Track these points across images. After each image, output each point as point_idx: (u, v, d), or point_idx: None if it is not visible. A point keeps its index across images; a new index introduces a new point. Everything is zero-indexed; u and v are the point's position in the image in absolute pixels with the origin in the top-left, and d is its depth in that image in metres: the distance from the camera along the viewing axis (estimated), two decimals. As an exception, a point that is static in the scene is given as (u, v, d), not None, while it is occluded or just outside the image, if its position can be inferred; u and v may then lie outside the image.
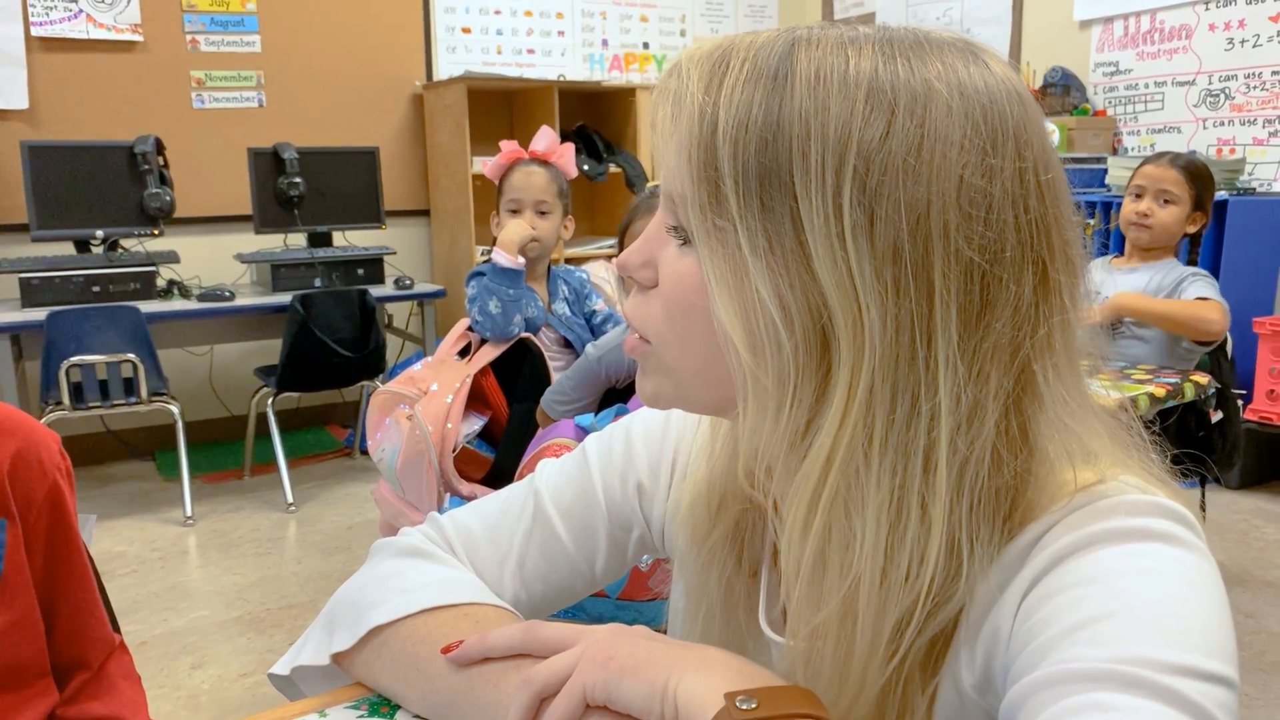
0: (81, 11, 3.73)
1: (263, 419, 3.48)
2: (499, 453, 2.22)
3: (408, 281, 3.74)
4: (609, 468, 0.78)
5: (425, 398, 2.14)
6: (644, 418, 0.79)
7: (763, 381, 0.54)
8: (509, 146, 2.25)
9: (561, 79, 4.42)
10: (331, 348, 3.33)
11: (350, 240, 3.94)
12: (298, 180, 3.64)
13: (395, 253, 3.94)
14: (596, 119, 4.54)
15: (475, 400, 2.20)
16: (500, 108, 4.50)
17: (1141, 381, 2.15)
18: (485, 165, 2.30)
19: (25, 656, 0.88)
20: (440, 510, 2.04)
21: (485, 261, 2.28)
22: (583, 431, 1.55)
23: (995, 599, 0.52)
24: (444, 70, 4.42)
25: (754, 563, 0.67)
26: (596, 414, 1.58)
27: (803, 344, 0.53)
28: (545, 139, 2.22)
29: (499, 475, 2.18)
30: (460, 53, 4.47)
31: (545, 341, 2.29)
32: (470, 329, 2.29)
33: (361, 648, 0.69)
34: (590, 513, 0.77)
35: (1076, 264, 0.55)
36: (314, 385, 3.51)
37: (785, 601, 0.57)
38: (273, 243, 3.82)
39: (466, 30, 4.49)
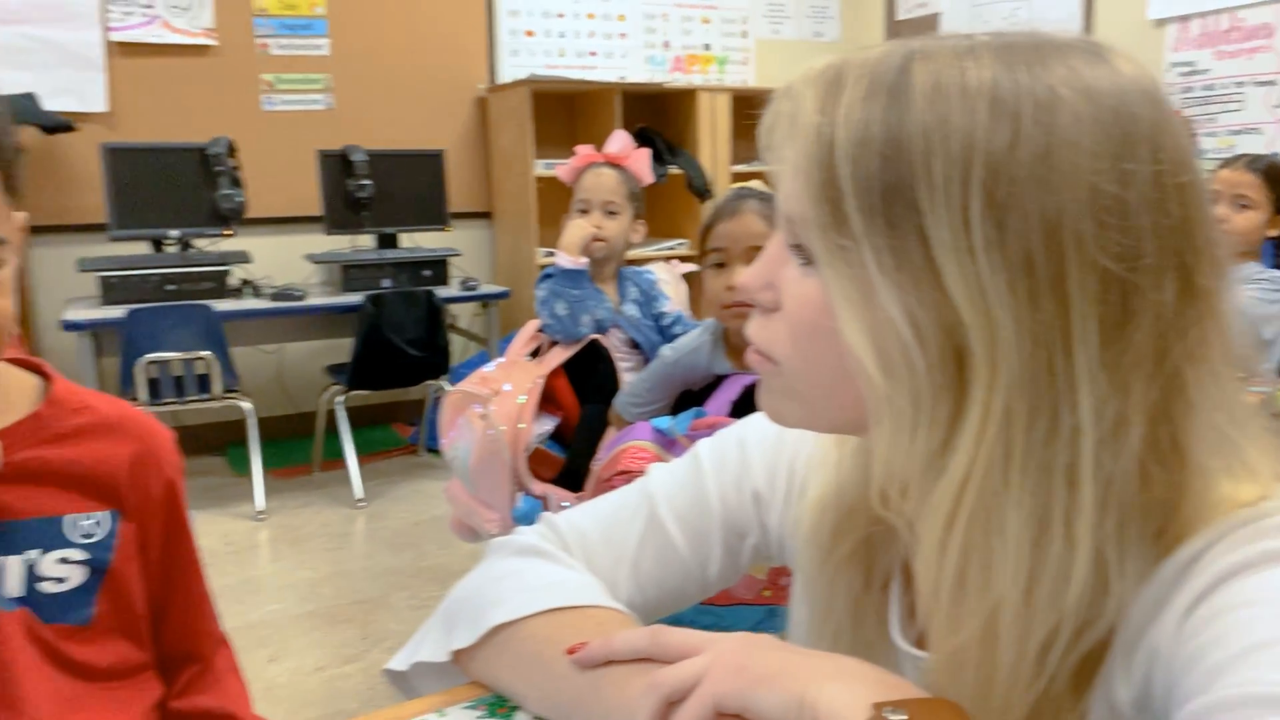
0: (157, 16, 3.82)
1: (332, 416, 3.54)
2: (570, 453, 2.23)
3: (473, 283, 3.78)
4: (723, 474, 0.78)
5: (498, 398, 2.16)
6: (757, 424, 0.79)
7: (896, 403, 0.53)
8: (584, 150, 2.26)
9: (623, 81, 4.43)
10: (400, 347, 3.38)
11: (415, 242, 3.99)
12: (366, 182, 3.70)
13: (460, 254, 3.99)
14: (658, 121, 4.55)
15: (547, 401, 2.22)
16: (562, 110, 4.53)
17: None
18: (559, 169, 2.32)
19: (131, 648, 0.91)
20: (513, 510, 2.06)
21: (552, 264, 2.29)
22: (660, 434, 1.56)
23: (1152, 617, 0.51)
24: (507, 73, 4.45)
25: (884, 576, 0.66)
26: (673, 416, 1.58)
27: (936, 363, 0.52)
28: (618, 142, 2.23)
29: (570, 475, 2.19)
30: (523, 56, 4.51)
31: (614, 343, 2.30)
32: (541, 331, 2.30)
33: (482, 646, 0.70)
34: (705, 518, 0.77)
35: (1222, 267, 0.53)
36: (383, 384, 3.56)
37: (922, 621, 0.57)
38: (341, 244, 3.88)
39: (530, 33, 4.52)
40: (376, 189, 3.73)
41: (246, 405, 3.33)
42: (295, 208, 4.02)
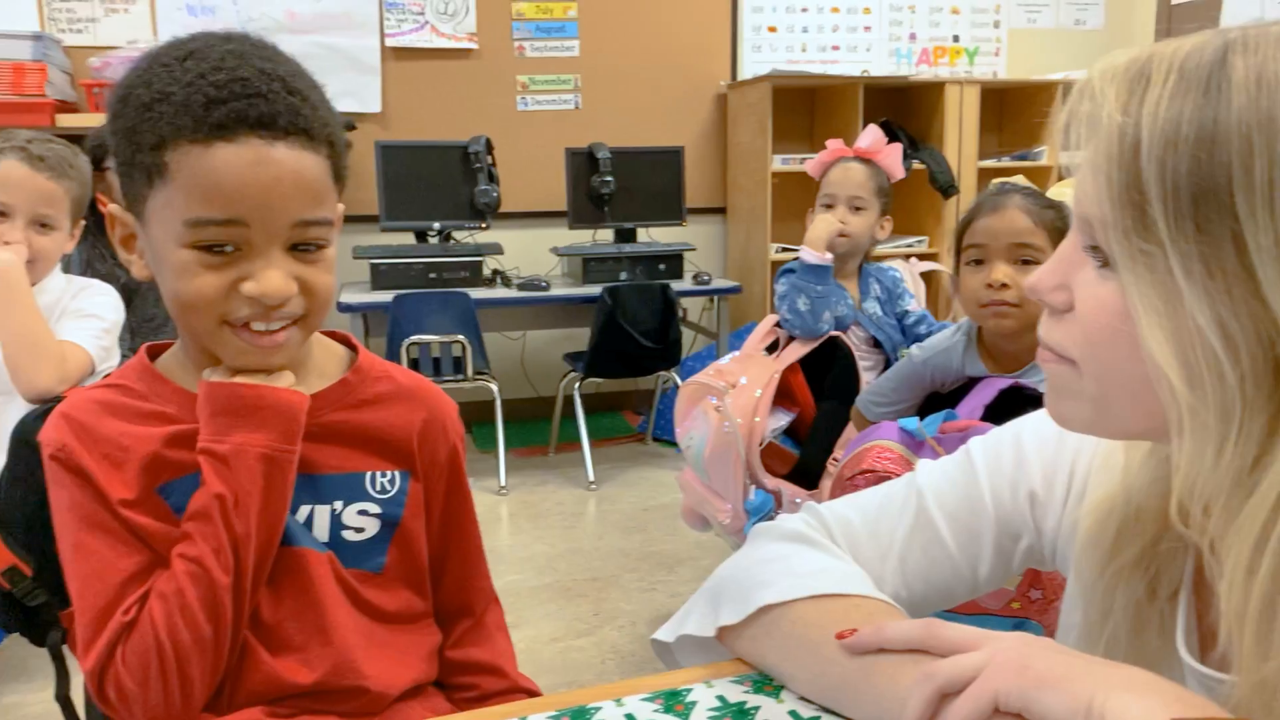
0: (427, 23, 4.13)
1: (569, 401, 3.71)
2: (804, 449, 2.23)
3: (705, 277, 3.84)
4: (998, 473, 0.76)
5: (734, 391, 2.19)
6: (1035, 424, 0.77)
7: (1202, 415, 0.51)
8: (834, 144, 2.25)
9: (866, 75, 4.35)
10: (635, 338, 3.49)
11: (652, 236, 4.10)
12: (609, 178, 3.84)
13: (695, 249, 4.06)
14: (901, 115, 4.43)
15: (782, 396, 2.22)
16: (802, 105, 4.51)
17: None
18: (808, 163, 2.31)
19: (414, 596, 1.00)
20: (745, 502, 2.08)
21: (794, 259, 2.29)
22: (907, 435, 1.53)
23: None
24: (748, 69, 4.48)
25: (1171, 586, 0.63)
26: (921, 418, 1.55)
27: (1250, 375, 0.49)
28: (870, 136, 2.20)
29: (804, 472, 2.19)
30: (765, 51, 4.52)
31: (854, 340, 2.28)
32: (778, 325, 2.31)
33: (749, 624, 0.72)
34: (976, 517, 0.76)
35: None
36: (617, 372, 3.69)
37: (1223, 643, 0.54)
38: (583, 237, 4.05)
39: (772, 29, 4.53)
40: (617, 185, 3.87)
41: (494, 387, 3.55)
42: (543, 203, 4.23)
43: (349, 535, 0.94)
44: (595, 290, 3.55)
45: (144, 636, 0.82)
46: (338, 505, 0.94)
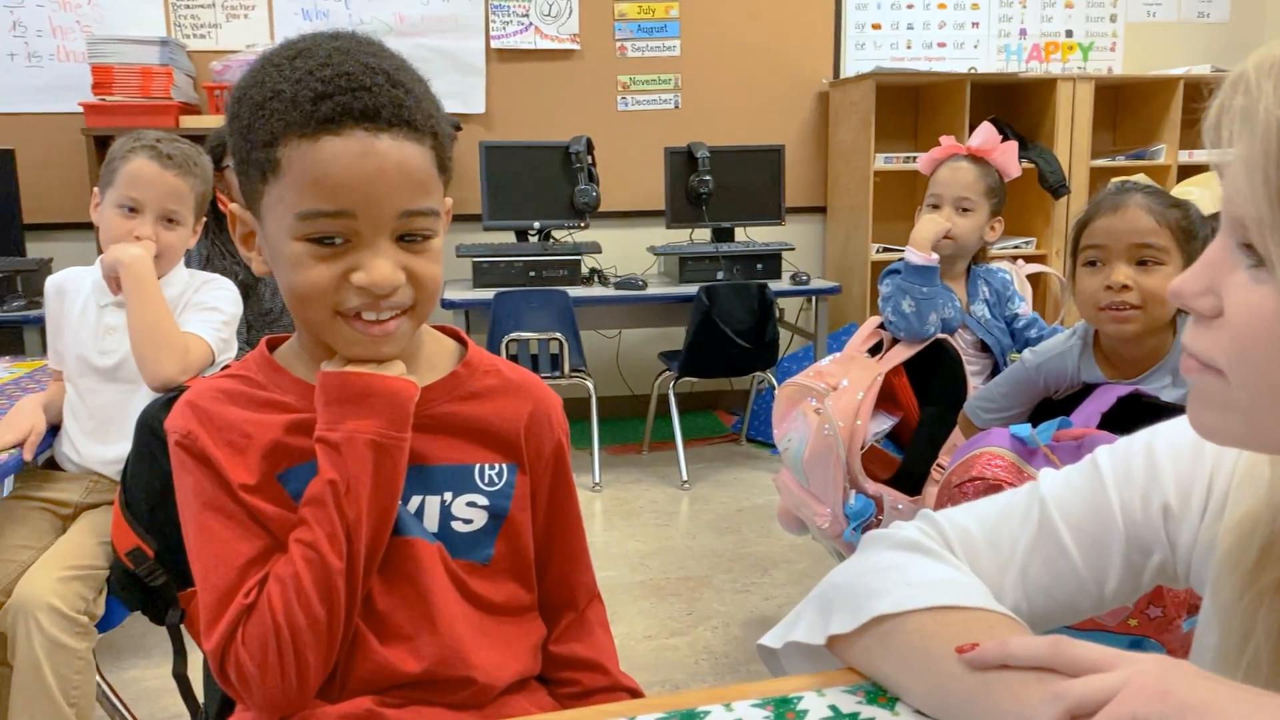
0: (531, 24, 4.18)
1: (663, 400, 3.71)
2: (907, 454, 2.18)
3: (804, 277, 3.80)
4: (1128, 485, 0.73)
5: (834, 393, 2.15)
6: (1169, 432, 0.73)
7: None
8: (947, 142, 2.19)
9: (973, 72, 4.24)
10: (731, 338, 3.47)
11: (749, 235, 4.07)
12: (707, 178, 3.83)
13: (794, 249, 4.01)
14: (1010, 113, 4.30)
15: (885, 400, 2.18)
16: (906, 103, 4.42)
17: None
18: (920, 160, 2.26)
19: (520, 589, 1.01)
20: (845, 506, 2.05)
21: (899, 260, 2.24)
22: (1019, 443, 1.48)
23: None
24: (851, 67, 4.41)
25: None
26: (1033, 425, 1.49)
27: None
28: (983, 134, 2.14)
29: (906, 477, 2.14)
30: (869, 49, 4.45)
31: (961, 344, 2.22)
32: (882, 327, 2.26)
33: (862, 634, 0.70)
34: (1104, 530, 0.73)
35: None
36: (712, 372, 3.68)
37: None
38: (680, 237, 4.05)
39: (876, 26, 4.45)
40: (716, 184, 3.85)
41: (589, 384, 3.58)
42: (640, 202, 4.24)
43: (458, 526, 0.95)
44: (691, 290, 3.54)
45: (262, 619, 0.85)
46: (447, 496, 0.95)
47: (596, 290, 3.71)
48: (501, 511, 0.97)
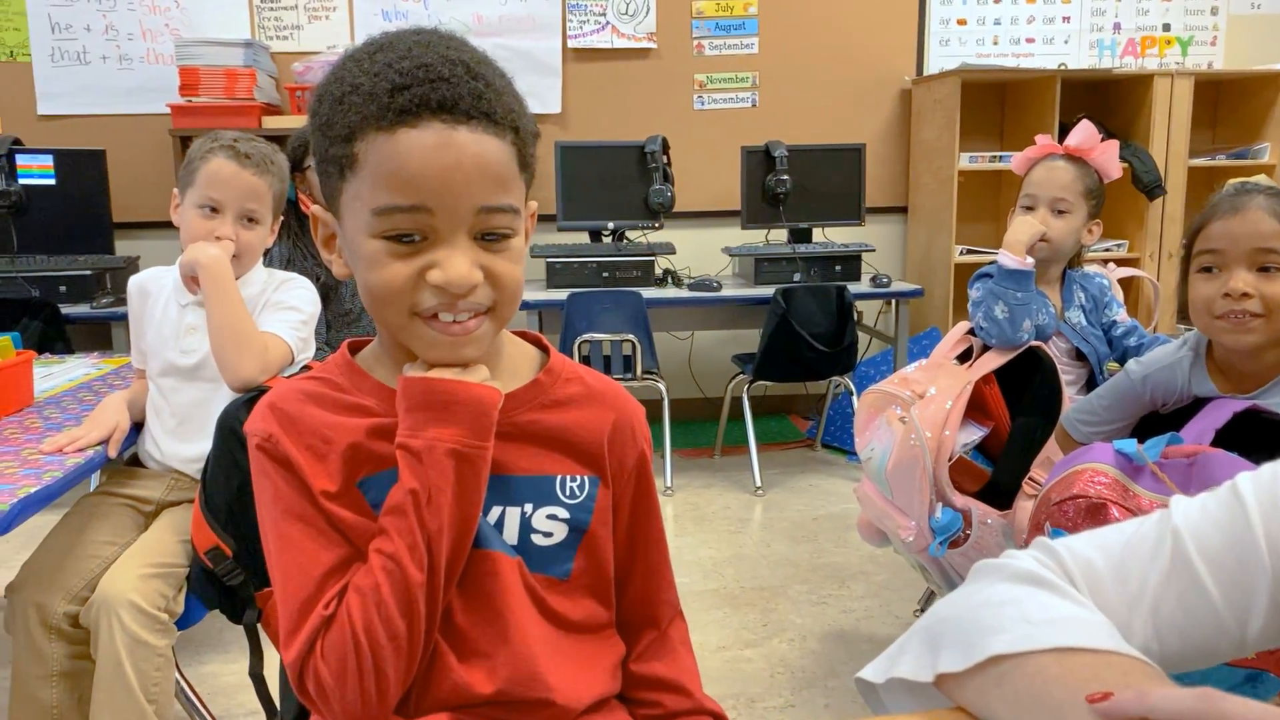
0: (608, 23, 4.16)
1: (735, 403, 3.65)
2: (997, 466, 2.09)
3: (884, 279, 3.70)
4: (1276, 516, 0.66)
5: (921, 401, 2.08)
6: None
7: None
8: (1043, 140, 2.10)
9: (1063, 68, 4.09)
10: (808, 341, 3.39)
11: (827, 236, 3.99)
12: (785, 177, 3.76)
13: (874, 250, 3.91)
14: (1102, 110, 4.14)
15: (975, 409, 2.09)
16: (992, 101, 4.28)
17: None
18: (1014, 159, 2.17)
19: (598, 606, 0.97)
20: (931, 520, 1.97)
21: (990, 263, 2.15)
22: (1124, 459, 1.39)
23: None
24: (935, 64, 4.30)
25: None
26: (1140, 441, 1.40)
27: None
28: (1081, 133, 2.04)
29: (995, 490, 2.05)
30: (953, 45, 4.32)
31: (1055, 352, 2.12)
32: (971, 333, 2.18)
33: (976, 674, 0.64)
34: (1247, 567, 0.66)
35: None
36: (788, 376, 3.60)
37: None
38: (755, 237, 3.98)
39: (961, 22, 4.32)
40: (794, 183, 3.77)
41: (661, 386, 3.53)
42: (715, 202, 4.19)
43: (537, 540, 0.92)
44: (767, 291, 3.47)
45: (342, 632, 0.82)
46: (528, 508, 0.91)
47: (670, 291, 3.66)
48: (582, 525, 0.93)
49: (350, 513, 0.86)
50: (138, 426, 1.83)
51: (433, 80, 0.78)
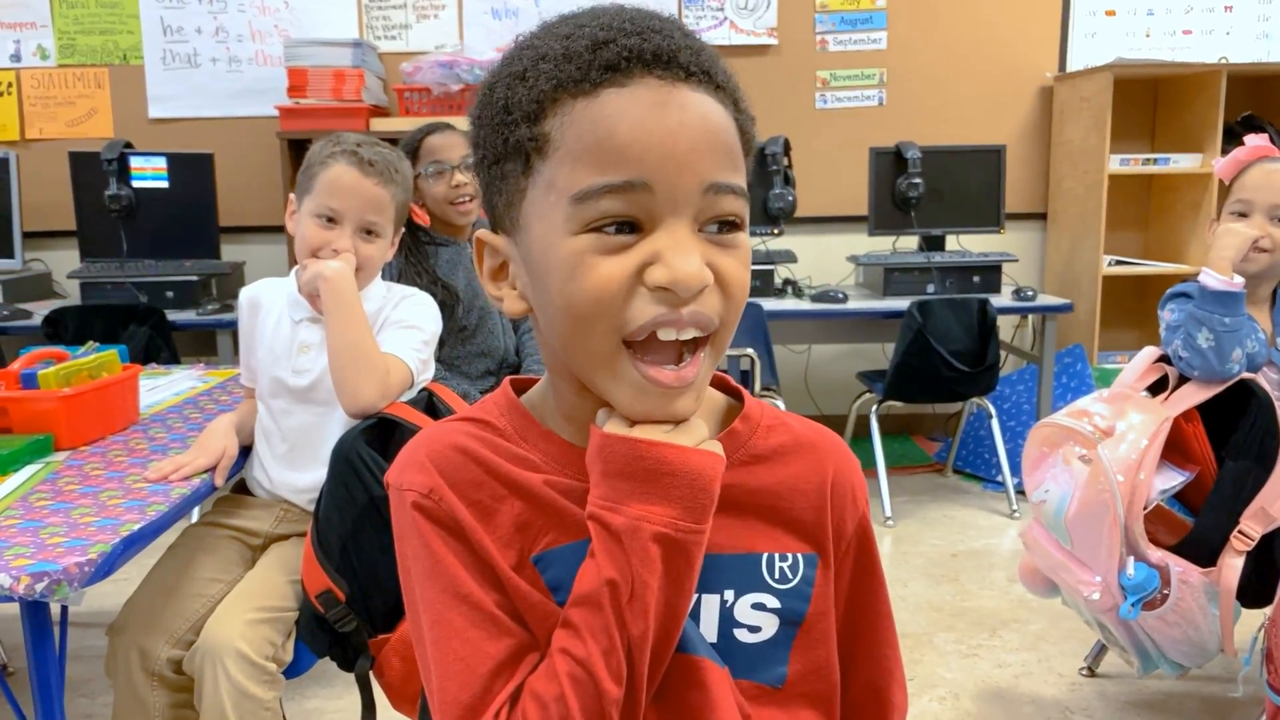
0: (726, 19, 3.95)
1: (859, 423, 3.39)
2: (1200, 517, 1.82)
3: (1029, 293, 3.39)
4: None
5: (1108, 439, 1.81)
6: None
7: None
8: (1254, 141, 1.82)
9: (1225, 62, 3.73)
10: (946, 359, 3.12)
11: (962, 244, 3.70)
12: (918, 181, 3.49)
13: (1017, 260, 3.61)
14: (1270, 108, 3.77)
15: (1172, 450, 1.82)
16: (1143, 99, 3.94)
17: None
18: (1219, 165, 1.89)
19: (813, 710, 0.76)
20: (1121, 576, 1.69)
21: (1192, 282, 1.87)
22: None
23: None
24: (1079, 59, 3.97)
25: None
26: None
27: None
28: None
29: (1197, 544, 1.78)
30: (1101, 38, 3.99)
31: (1268, 384, 1.83)
32: (1165, 361, 1.91)
33: None
34: None
35: None
36: (922, 396, 3.34)
37: None
38: (882, 245, 3.72)
39: (1110, 13, 3.99)
40: (927, 187, 3.50)
41: (780, 404, 3.30)
42: (838, 207, 3.94)
43: (742, 635, 0.72)
44: (898, 304, 3.21)
45: None
46: (729, 595, 0.71)
47: (791, 303, 3.43)
48: (797, 616, 0.73)
49: (524, 589, 0.68)
50: (245, 450, 1.69)
51: (642, 31, 0.62)
